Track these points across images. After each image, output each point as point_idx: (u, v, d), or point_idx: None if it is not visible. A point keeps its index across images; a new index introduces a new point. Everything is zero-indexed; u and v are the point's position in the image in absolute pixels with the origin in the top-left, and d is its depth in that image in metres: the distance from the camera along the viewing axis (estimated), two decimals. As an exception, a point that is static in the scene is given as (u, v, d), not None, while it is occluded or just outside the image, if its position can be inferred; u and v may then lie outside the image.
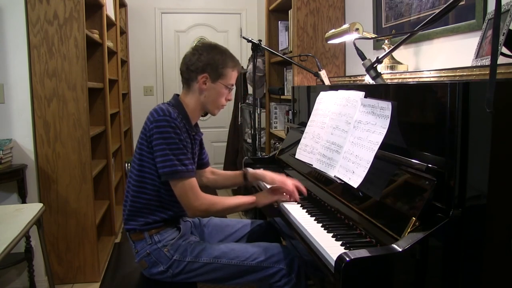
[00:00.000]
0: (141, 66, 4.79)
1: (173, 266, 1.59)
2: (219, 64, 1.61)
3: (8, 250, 1.64)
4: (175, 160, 1.52)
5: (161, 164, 1.52)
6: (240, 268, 1.58)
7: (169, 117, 1.52)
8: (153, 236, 1.60)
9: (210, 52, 1.62)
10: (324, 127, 1.73)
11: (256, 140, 2.70)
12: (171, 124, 1.52)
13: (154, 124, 1.52)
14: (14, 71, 2.48)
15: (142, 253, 1.61)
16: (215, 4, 4.86)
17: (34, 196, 2.56)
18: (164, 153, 1.51)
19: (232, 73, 1.65)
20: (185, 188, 1.54)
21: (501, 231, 1.03)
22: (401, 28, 2.10)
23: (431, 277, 1.03)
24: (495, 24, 0.89)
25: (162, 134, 1.51)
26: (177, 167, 1.52)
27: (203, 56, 1.61)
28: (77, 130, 2.57)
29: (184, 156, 1.55)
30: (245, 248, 1.62)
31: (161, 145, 1.52)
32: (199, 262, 1.58)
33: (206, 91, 1.63)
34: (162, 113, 1.53)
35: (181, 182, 1.54)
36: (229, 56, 1.66)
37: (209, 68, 1.61)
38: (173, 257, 1.58)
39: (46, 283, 2.43)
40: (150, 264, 1.60)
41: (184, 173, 1.53)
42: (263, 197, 1.69)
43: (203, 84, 1.62)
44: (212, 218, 1.90)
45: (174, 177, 1.53)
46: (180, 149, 1.53)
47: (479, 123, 1.00)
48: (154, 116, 1.54)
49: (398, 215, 1.15)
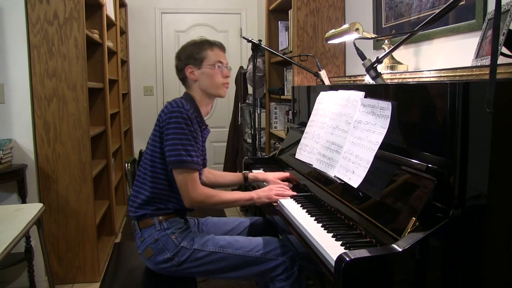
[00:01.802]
0: (141, 66, 4.79)
1: (179, 254, 1.61)
2: (194, 51, 1.72)
3: (8, 250, 1.65)
4: (182, 150, 1.58)
5: (169, 152, 1.60)
6: (244, 258, 1.61)
7: (182, 108, 1.60)
8: (162, 222, 1.66)
9: (185, 48, 1.76)
10: (324, 127, 1.73)
11: (256, 140, 2.70)
12: (183, 115, 1.59)
13: (168, 115, 1.60)
14: (14, 71, 2.48)
15: (149, 240, 1.63)
16: (215, 4, 4.86)
17: (34, 196, 2.56)
18: (173, 142, 1.59)
19: (211, 53, 1.73)
20: (186, 179, 1.60)
21: (501, 231, 1.03)
22: (401, 28, 2.10)
23: (431, 277, 1.03)
24: (495, 24, 0.89)
25: (174, 124, 1.59)
26: (183, 157, 1.58)
27: (181, 54, 1.75)
28: (77, 130, 2.57)
29: (192, 147, 1.61)
30: (249, 240, 1.67)
31: (172, 134, 1.59)
32: (205, 251, 1.61)
33: (199, 79, 1.73)
34: (176, 104, 1.61)
35: (184, 172, 1.60)
36: (204, 41, 1.76)
37: (189, 60, 1.72)
38: (180, 244, 1.62)
39: (46, 283, 2.43)
40: (156, 251, 1.62)
41: (189, 163, 1.59)
42: (261, 194, 1.72)
43: (191, 74, 1.73)
44: (209, 217, 1.92)
45: (179, 166, 1.59)
46: (189, 140, 1.60)
47: (479, 123, 1.00)
48: (168, 108, 1.62)
49: (398, 215, 1.14)
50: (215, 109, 4.75)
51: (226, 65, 1.76)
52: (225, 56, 1.78)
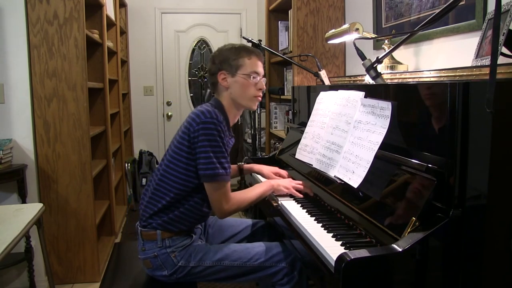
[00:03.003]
0: (141, 66, 4.79)
1: (177, 272, 1.60)
2: (231, 57, 1.63)
3: (8, 250, 1.65)
4: (217, 163, 1.52)
5: (204, 166, 1.52)
6: (242, 269, 1.60)
7: (216, 120, 1.52)
8: (165, 240, 1.60)
9: (221, 52, 1.66)
10: (324, 127, 1.73)
11: (256, 140, 2.70)
12: (217, 127, 1.52)
13: (201, 126, 1.52)
14: (14, 71, 2.48)
15: (149, 254, 1.61)
16: (215, 4, 4.86)
17: (34, 196, 2.56)
18: (208, 156, 1.52)
19: (248, 62, 1.63)
20: (220, 192, 1.56)
21: (501, 231, 1.03)
22: (401, 28, 2.10)
23: (431, 277, 1.03)
24: (495, 24, 0.89)
25: (208, 136, 1.51)
26: (218, 170, 1.53)
27: (216, 58, 1.66)
28: (77, 130, 2.57)
29: (225, 159, 1.56)
30: (247, 249, 1.63)
31: (206, 147, 1.51)
32: (202, 266, 1.60)
33: (231, 87, 1.64)
34: (209, 115, 1.52)
35: (218, 185, 1.55)
36: (242, 48, 1.66)
37: (224, 65, 1.63)
38: (179, 263, 1.59)
39: (46, 283, 2.43)
40: (155, 266, 1.61)
41: (224, 176, 1.54)
42: (281, 182, 1.74)
43: (224, 81, 1.64)
44: (217, 220, 1.91)
45: (214, 179, 1.54)
46: (222, 152, 1.54)
47: (479, 123, 1.00)
48: (201, 118, 1.52)
49: (398, 215, 1.14)
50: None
51: (262, 77, 1.67)
52: (262, 66, 1.68)
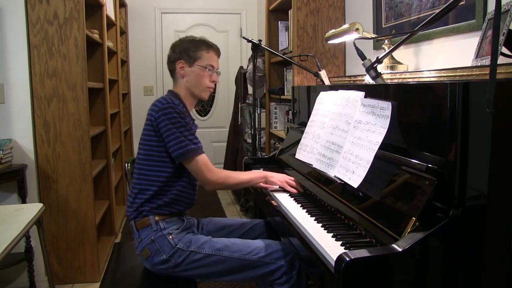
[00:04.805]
0: (141, 66, 4.79)
1: (175, 255, 1.61)
2: (190, 48, 1.74)
3: (8, 250, 1.65)
4: (186, 140, 1.63)
5: (174, 147, 1.62)
6: (241, 262, 1.60)
7: (172, 103, 1.63)
8: (159, 222, 1.66)
9: (182, 42, 1.78)
10: (324, 127, 1.73)
11: (256, 140, 2.70)
12: (176, 109, 1.63)
13: (161, 112, 1.62)
14: (14, 71, 2.48)
15: (146, 241, 1.63)
16: (215, 4, 4.86)
17: (34, 196, 2.56)
18: (175, 136, 1.61)
19: (206, 55, 1.75)
20: (199, 164, 1.64)
21: (501, 231, 1.03)
22: (401, 28, 2.10)
23: (431, 277, 1.03)
24: (495, 24, 0.90)
25: (170, 119, 1.61)
26: (189, 146, 1.62)
27: (177, 47, 1.78)
28: (77, 130, 2.57)
29: (192, 136, 1.66)
30: (247, 243, 1.66)
31: (171, 129, 1.61)
32: (201, 253, 1.61)
33: (187, 76, 1.76)
34: (165, 101, 1.64)
35: (195, 159, 1.64)
36: (203, 41, 1.78)
37: (183, 55, 1.75)
38: (177, 246, 1.62)
39: (46, 283, 2.43)
40: (153, 252, 1.62)
41: (197, 150, 1.64)
42: (275, 175, 1.81)
43: (181, 69, 1.75)
44: (210, 218, 1.91)
45: (188, 156, 1.62)
46: (188, 130, 1.64)
47: (479, 123, 1.00)
48: (159, 106, 1.63)
49: (398, 215, 1.14)
50: (215, 109, 4.74)
51: (216, 70, 1.79)
52: (218, 61, 1.81)
